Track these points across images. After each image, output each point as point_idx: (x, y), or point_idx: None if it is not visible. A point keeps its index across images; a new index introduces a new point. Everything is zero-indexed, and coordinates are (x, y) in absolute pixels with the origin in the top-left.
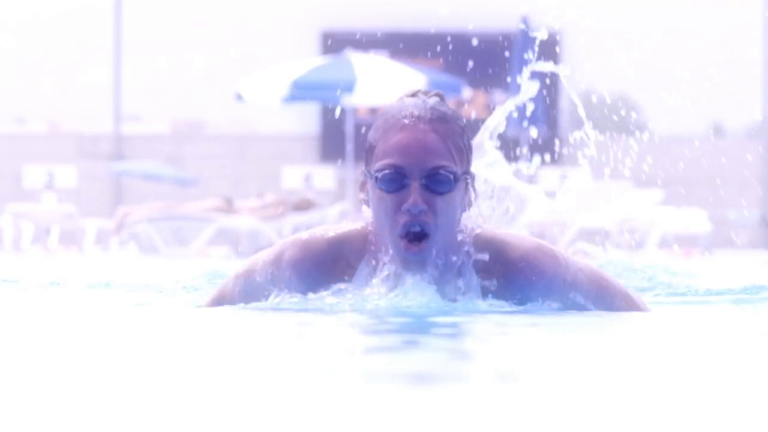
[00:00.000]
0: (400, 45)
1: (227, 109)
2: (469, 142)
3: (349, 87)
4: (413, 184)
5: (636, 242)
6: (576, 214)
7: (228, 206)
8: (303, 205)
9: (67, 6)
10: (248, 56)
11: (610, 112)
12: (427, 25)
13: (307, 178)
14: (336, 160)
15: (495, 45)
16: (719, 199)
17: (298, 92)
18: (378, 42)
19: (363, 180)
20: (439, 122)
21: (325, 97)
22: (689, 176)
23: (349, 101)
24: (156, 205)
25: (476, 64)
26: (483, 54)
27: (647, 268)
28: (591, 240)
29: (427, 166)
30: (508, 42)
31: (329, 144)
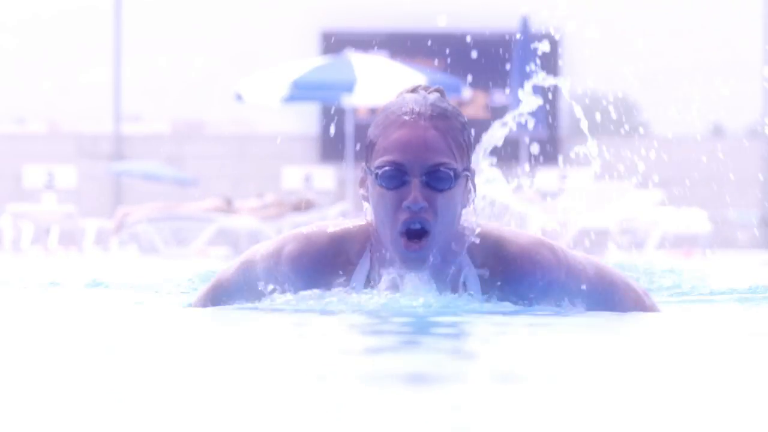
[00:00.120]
0: (400, 45)
1: (227, 109)
2: (469, 139)
3: (349, 87)
4: (413, 181)
5: (636, 242)
6: (576, 215)
7: (228, 206)
8: (303, 205)
9: (67, 6)
10: (248, 56)
11: (610, 112)
12: (427, 25)
13: (307, 179)
14: (336, 160)
15: (495, 45)
16: (719, 199)
17: (298, 92)
18: (378, 42)
19: (363, 176)
20: (440, 119)
21: (325, 97)
22: (689, 176)
23: (349, 101)
24: (156, 205)
25: (476, 64)
26: (483, 54)
27: (647, 267)
28: (591, 240)
29: (428, 163)
30: (508, 42)
31: (329, 144)
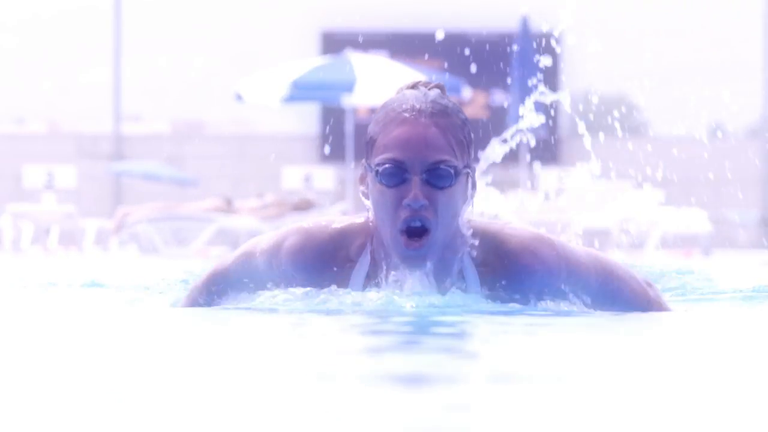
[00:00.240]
0: (400, 45)
1: (227, 109)
2: (470, 135)
3: (349, 87)
4: (414, 179)
5: (636, 242)
6: (576, 214)
7: (228, 206)
8: (303, 205)
9: (67, 6)
10: (248, 56)
11: (610, 112)
12: (427, 25)
13: (307, 178)
14: (336, 160)
15: (495, 45)
16: (719, 199)
17: (298, 92)
18: (378, 42)
19: (363, 173)
20: (440, 116)
21: (325, 97)
22: (689, 176)
23: (349, 101)
24: (156, 205)
25: (476, 64)
26: (483, 54)
27: (648, 269)
28: (591, 240)
29: (428, 161)
30: (508, 42)
31: (329, 144)
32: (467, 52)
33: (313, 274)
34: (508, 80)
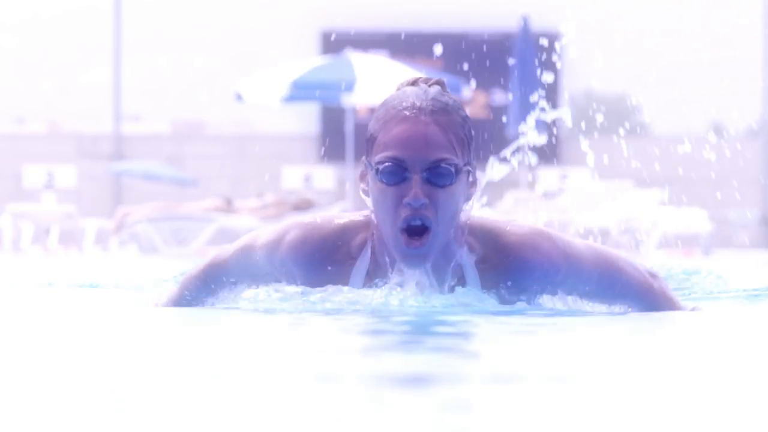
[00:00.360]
0: (400, 45)
1: (227, 109)
2: (470, 132)
3: (349, 87)
4: (414, 177)
5: (636, 242)
6: (576, 214)
7: (228, 206)
8: (303, 205)
9: (67, 6)
10: (248, 56)
11: (610, 112)
12: (427, 25)
13: (307, 178)
14: (336, 160)
15: (495, 45)
16: (719, 199)
17: (298, 92)
18: (378, 42)
19: (363, 170)
20: (441, 113)
21: (325, 97)
22: (689, 176)
23: (349, 101)
24: (156, 205)
25: (476, 63)
26: (483, 54)
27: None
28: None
29: (429, 159)
30: (508, 42)
31: (329, 144)
32: (467, 51)
33: (313, 269)
34: (509, 80)
